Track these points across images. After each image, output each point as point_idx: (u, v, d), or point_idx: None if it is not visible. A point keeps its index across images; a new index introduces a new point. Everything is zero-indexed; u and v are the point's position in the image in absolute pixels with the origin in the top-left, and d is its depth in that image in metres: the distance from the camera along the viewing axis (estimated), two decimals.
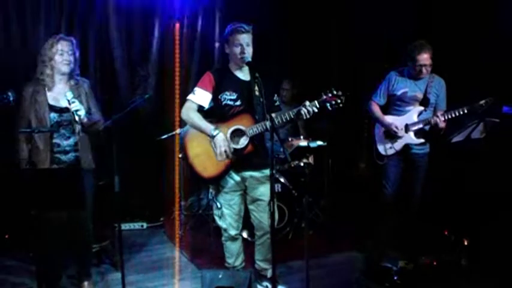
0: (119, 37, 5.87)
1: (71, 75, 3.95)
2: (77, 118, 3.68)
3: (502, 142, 4.46)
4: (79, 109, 3.69)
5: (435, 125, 4.39)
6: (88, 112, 3.89)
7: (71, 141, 3.90)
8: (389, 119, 4.67)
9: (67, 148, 3.90)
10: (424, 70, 4.49)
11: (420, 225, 4.76)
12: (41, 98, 3.83)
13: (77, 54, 3.97)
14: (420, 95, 4.55)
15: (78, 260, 4.18)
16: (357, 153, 6.19)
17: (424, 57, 4.45)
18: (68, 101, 3.70)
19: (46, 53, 3.85)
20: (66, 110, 3.82)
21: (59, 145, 3.87)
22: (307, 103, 3.62)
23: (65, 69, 3.88)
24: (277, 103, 4.00)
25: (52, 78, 3.89)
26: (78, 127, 3.80)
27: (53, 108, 3.85)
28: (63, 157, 3.89)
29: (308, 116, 3.64)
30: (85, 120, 3.77)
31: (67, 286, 4.22)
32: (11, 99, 3.77)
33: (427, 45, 4.45)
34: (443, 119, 4.36)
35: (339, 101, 3.61)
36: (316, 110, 3.62)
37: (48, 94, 3.87)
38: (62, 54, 3.84)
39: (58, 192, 3.29)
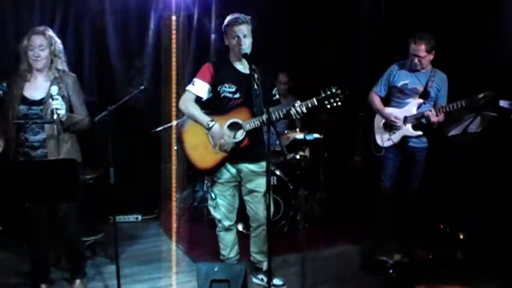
0: (114, 28, 5.82)
1: (51, 68, 3.78)
2: (55, 116, 3.53)
3: (498, 136, 4.46)
4: (60, 108, 3.54)
5: (427, 118, 4.39)
6: (70, 109, 3.75)
7: (40, 137, 3.71)
8: (388, 110, 4.67)
9: (35, 144, 3.72)
10: (416, 60, 4.47)
11: (416, 219, 4.76)
12: (17, 91, 3.71)
13: (55, 46, 3.77)
14: (420, 88, 4.54)
15: (68, 257, 4.13)
16: (353, 146, 6.18)
17: (419, 48, 4.42)
18: (51, 96, 3.55)
19: (20, 47, 3.71)
20: (38, 103, 3.70)
21: (27, 139, 3.71)
22: (297, 103, 3.63)
23: (37, 65, 3.71)
24: (277, 96, 4.00)
25: (30, 72, 3.76)
26: (57, 127, 3.65)
27: (24, 101, 3.70)
28: (33, 153, 3.73)
29: (298, 116, 3.67)
30: (64, 118, 3.61)
31: (59, 280, 4.20)
32: (5, 90, 3.74)
33: (426, 37, 4.41)
34: (435, 113, 4.36)
35: (337, 99, 3.61)
36: (305, 111, 3.64)
37: (26, 86, 3.74)
38: (32, 50, 3.67)
39: (49, 184, 3.24)
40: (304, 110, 3.63)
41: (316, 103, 3.64)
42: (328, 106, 3.63)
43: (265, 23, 5.74)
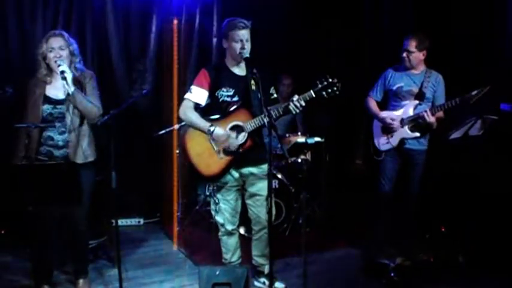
0: (116, 32, 5.83)
1: (69, 68, 3.82)
2: (62, 81, 3.62)
3: (500, 139, 4.46)
4: (64, 71, 3.64)
5: (423, 119, 4.38)
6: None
7: (66, 136, 3.81)
8: (384, 113, 4.67)
9: (60, 143, 3.81)
10: (405, 54, 4.50)
11: (417, 222, 4.76)
12: (39, 91, 3.80)
13: (73, 47, 3.86)
14: (416, 90, 4.55)
15: (74, 257, 4.15)
16: (354, 149, 6.19)
17: (410, 43, 4.46)
18: (59, 65, 3.66)
19: (39, 51, 3.81)
20: (62, 102, 3.79)
21: (52, 139, 3.80)
22: (295, 97, 3.63)
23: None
24: (274, 96, 4.00)
25: (50, 74, 3.85)
26: (75, 120, 3.77)
27: (47, 100, 3.80)
28: (56, 152, 3.81)
29: (297, 111, 3.66)
30: (72, 88, 3.67)
31: (63, 283, 4.21)
32: (8, 94, 3.76)
33: (420, 36, 4.47)
34: (430, 113, 4.35)
35: (334, 88, 3.61)
36: (304, 104, 3.63)
37: (48, 87, 3.84)
38: (52, 51, 3.76)
39: (54, 187, 3.27)
40: (303, 104, 3.63)
41: (313, 95, 3.63)
42: (326, 96, 3.63)
43: (267, 26, 5.77)
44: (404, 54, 4.51)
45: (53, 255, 4.06)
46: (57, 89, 3.85)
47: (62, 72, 3.64)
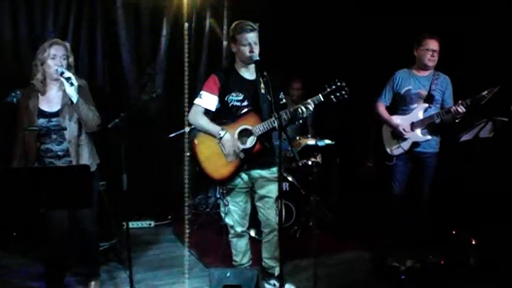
0: (127, 36, 5.88)
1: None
2: (70, 88, 3.62)
3: (510, 141, 4.44)
4: (70, 77, 3.63)
5: (456, 113, 4.28)
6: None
7: (64, 146, 3.81)
8: (395, 119, 4.66)
9: (60, 153, 3.81)
10: (430, 55, 4.49)
11: (428, 225, 4.74)
12: (32, 104, 3.78)
13: (71, 59, 3.86)
14: (424, 92, 4.54)
15: (84, 260, 4.18)
16: (365, 152, 6.18)
17: (434, 43, 4.48)
18: (62, 72, 3.64)
19: (39, 57, 3.78)
20: (56, 115, 3.79)
21: (51, 150, 3.80)
22: (305, 101, 3.65)
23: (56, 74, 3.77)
24: (283, 100, 4.01)
25: (44, 83, 3.82)
26: (73, 130, 3.79)
27: (41, 114, 3.78)
28: (58, 162, 3.81)
29: (306, 114, 3.67)
30: (75, 96, 3.66)
31: (75, 285, 4.24)
32: (19, 98, 3.79)
33: (435, 36, 4.50)
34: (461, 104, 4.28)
35: (343, 92, 3.62)
36: (312, 108, 3.64)
37: (41, 99, 3.82)
38: (53, 59, 3.74)
39: (66, 190, 3.29)
40: (312, 108, 3.65)
41: (322, 99, 3.65)
42: (335, 100, 3.64)
43: (277, 28, 5.78)
44: (430, 55, 4.49)
45: (65, 257, 4.09)
46: (50, 101, 3.83)
47: (69, 78, 3.62)
